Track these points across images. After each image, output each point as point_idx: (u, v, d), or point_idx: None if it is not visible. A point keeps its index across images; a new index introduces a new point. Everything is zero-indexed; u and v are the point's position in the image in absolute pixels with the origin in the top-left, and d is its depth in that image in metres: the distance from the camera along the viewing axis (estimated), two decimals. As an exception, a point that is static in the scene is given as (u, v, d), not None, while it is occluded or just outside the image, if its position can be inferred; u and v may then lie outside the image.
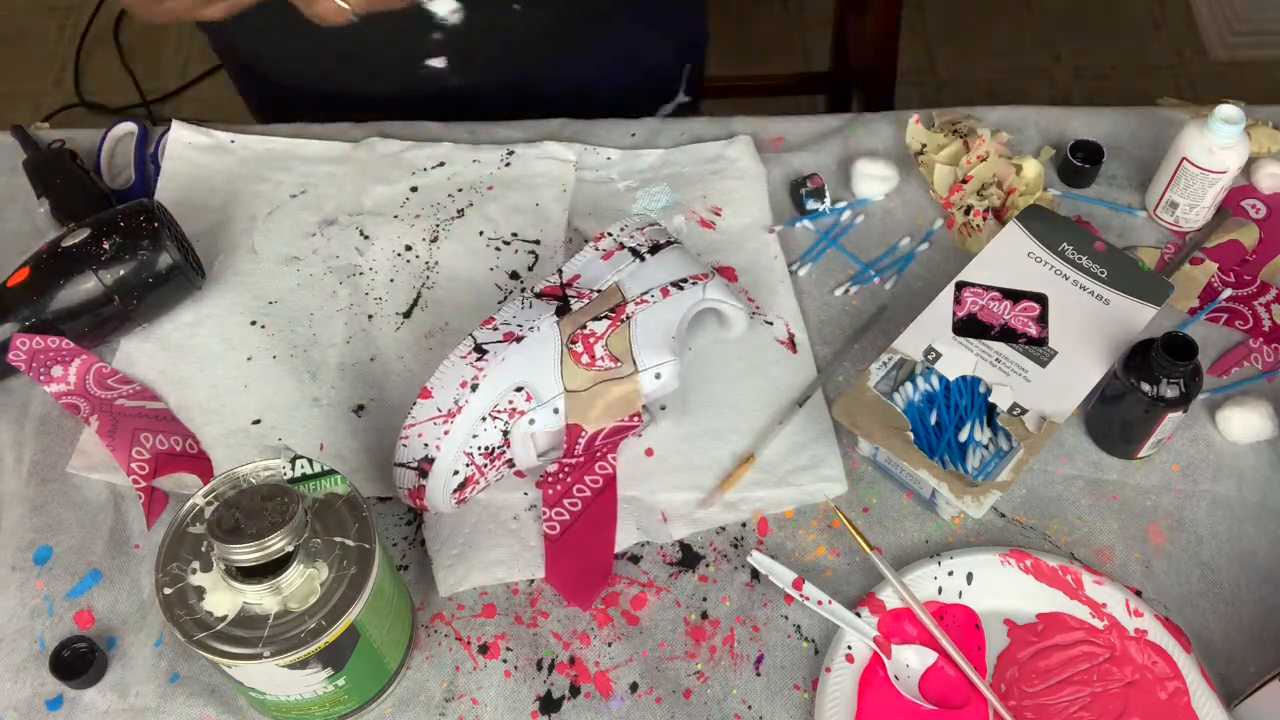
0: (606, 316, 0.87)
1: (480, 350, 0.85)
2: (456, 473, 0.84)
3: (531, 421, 0.85)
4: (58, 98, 2.30)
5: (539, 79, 1.13)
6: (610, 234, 0.93)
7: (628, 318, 0.88)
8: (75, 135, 1.11)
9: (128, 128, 1.10)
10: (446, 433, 0.83)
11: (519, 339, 0.85)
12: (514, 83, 1.13)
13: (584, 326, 0.86)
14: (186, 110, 2.29)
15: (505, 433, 0.85)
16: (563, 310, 0.87)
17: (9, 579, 0.86)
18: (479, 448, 0.84)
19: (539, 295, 0.89)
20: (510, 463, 0.87)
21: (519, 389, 0.85)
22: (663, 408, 0.92)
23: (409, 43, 1.08)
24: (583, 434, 0.86)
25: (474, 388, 0.84)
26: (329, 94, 1.13)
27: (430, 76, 1.10)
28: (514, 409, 0.85)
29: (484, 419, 0.84)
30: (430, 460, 0.83)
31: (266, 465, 0.75)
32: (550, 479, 0.88)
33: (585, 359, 0.86)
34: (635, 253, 0.91)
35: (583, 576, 0.85)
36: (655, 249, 0.92)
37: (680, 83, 1.21)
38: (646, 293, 0.89)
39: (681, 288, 0.90)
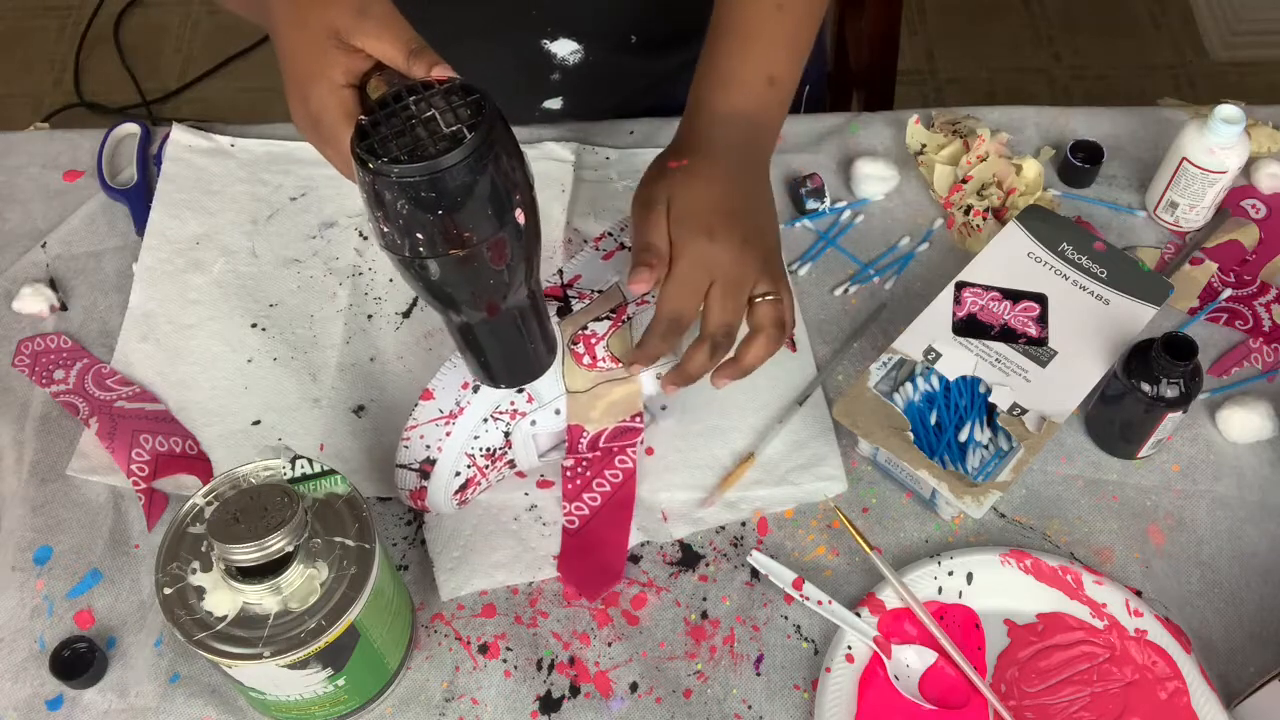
0: (607, 317, 0.87)
1: None
2: (458, 474, 0.84)
3: (533, 423, 0.85)
4: (58, 98, 2.30)
5: (646, 107, 1.13)
6: (611, 234, 0.93)
7: (629, 318, 0.88)
8: (75, 135, 1.11)
9: (130, 129, 1.10)
10: (448, 434, 0.83)
11: None
12: (618, 113, 1.13)
13: (585, 327, 0.86)
14: (186, 110, 2.29)
15: (507, 434, 0.85)
16: (564, 311, 0.87)
17: (9, 579, 0.86)
18: (480, 449, 0.84)
19: None
20: (511, 464, 0.87)
21: (520, 390, 0.84)
22: (663, 407, 0.92)
23: (530, 87, 1.08)
24: (584, 435, 0.86)
25: (475, 389, 0.84)
26: None
27: (544, 118, 1.11)
28: (515, 410, 0.85)
29: (485, 420, 0.84)
30: (432, 462, 0.83)
31: (266, 465, 0.75)
32: (569, 473, 0.87)
33: (586, 360, 0.86)
34: None
35: (595, 571, 0.85)
36: None
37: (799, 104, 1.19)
38: (648, 293, 0.89)
39: None
